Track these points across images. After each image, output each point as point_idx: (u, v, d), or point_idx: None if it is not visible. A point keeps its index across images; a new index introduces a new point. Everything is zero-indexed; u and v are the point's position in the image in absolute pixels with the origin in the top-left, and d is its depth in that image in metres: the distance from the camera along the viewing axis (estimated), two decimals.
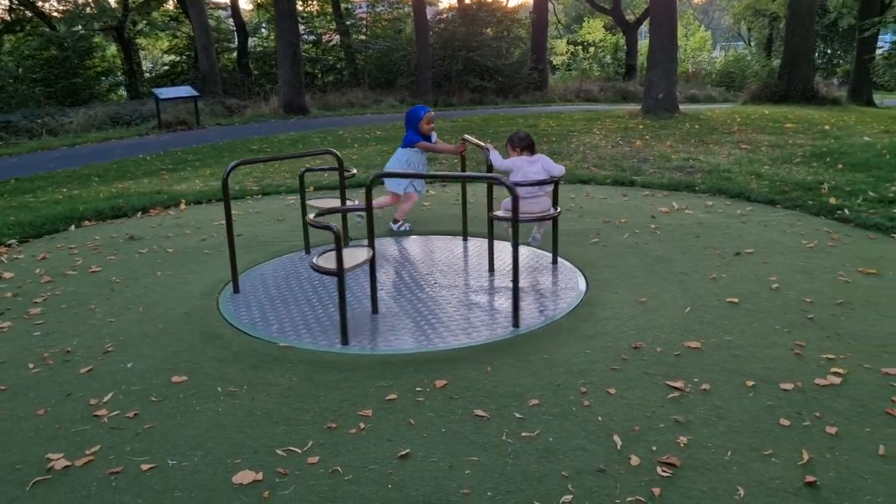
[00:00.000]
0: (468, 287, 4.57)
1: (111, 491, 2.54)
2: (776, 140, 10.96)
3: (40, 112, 17.69)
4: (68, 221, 6.76)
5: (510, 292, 4.37)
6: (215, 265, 5.21)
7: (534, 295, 4.41)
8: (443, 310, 4.18)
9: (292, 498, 2.46)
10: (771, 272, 4.67)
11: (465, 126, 14.63)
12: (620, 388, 3.17)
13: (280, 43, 19.29)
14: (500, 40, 24.94)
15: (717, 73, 30.98)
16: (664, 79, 15.51)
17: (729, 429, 2.81)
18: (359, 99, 21.96)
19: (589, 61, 31.99)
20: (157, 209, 7.32)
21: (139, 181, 9.65)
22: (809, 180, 7.42)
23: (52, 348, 3.82)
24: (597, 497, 2.41)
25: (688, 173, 8.33)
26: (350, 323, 3.91)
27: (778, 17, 30.14)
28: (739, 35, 44.67)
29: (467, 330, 3.88)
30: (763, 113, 15.65)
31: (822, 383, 3.14)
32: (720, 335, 3.70)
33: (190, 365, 3.55)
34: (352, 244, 5.27)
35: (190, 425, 2.97)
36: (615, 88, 25.99)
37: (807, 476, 2.47)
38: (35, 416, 3.09)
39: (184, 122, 17.21)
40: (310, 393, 3.23)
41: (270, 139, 14.03)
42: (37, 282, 4.99)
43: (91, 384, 3.38)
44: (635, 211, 6.55)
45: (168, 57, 27.91)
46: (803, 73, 19.18)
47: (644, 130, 12.75)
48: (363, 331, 3.92)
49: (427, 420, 2.96)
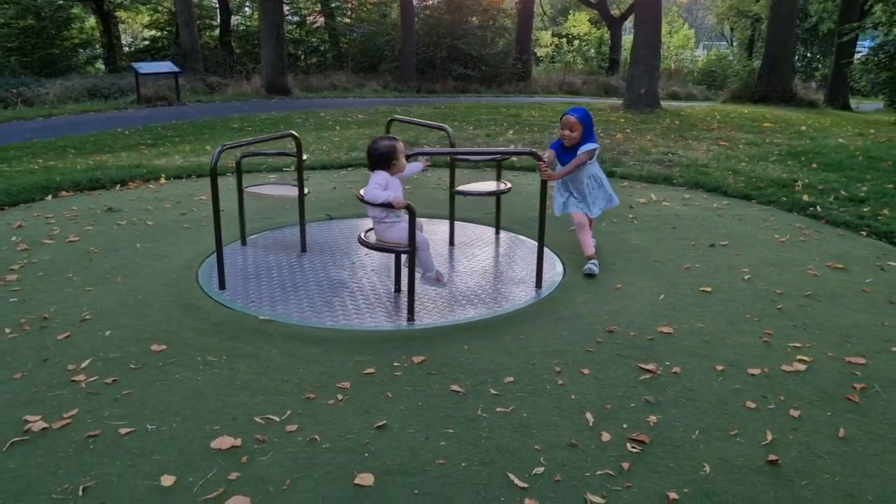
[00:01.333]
0: (445, 267, 4.62)
1: (89, 453, 2.56)
2: (754, 138, 11.13)
3: (16, 82, 17.34)
4: (45, 191, 6.68)
5: (487, 274, 4.43)
6: (195, 239, 5.20)
7: (511, 278, 4.47)
8: (422, 289, 4.23)
9: (270, 463, 2.50)
10: (743, 264, 4.78)
11: (448, 113, 14.64)
12: (594, 368, 3.25)
13: (263, 22, 19.11)
14: (485, 29, 24.96)
15: (699, 71, 31.30)
16: (647, 74, 15.63)
17: (697, 409, 2.90)
18: (342, 82, 21.84)
19: (573, 54, 32.13)
20: (136, 182, 7.26)
21: (117, 155, 9.54)
22: (784, 178, 7.56)
23: (28, 314, 3.81)
24: (568, 470, 2.48)
25: (666, 167, 8.45)
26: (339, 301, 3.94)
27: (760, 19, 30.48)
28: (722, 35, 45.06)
29: (443, 310, 3.93)
30: (742, 112, 15.86)
31: (788, 369, 3.24)
32: (692, 322, 3.80)
33: (169, 335, 3.57)
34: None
35: (169, 392, 2.99)
36: (598, 82, 26.14)
37: (769, 455, 2.57)
38: (12, 380, 3.09)
39: (164, 97, 17.00)
40: (289, 365, 3.26)
41: (252, 118, 13.92)
42: (13, 249, 4.94)
43: (69, 350, 3.38)
44: None
45: (149, 32, 27.49)
46: (783, 74, 19.45)
47: (625, 124, 12.86)
48: (342, 306, 3.96)
49: (404, 393, 3.01)
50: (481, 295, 4.17)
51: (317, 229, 5.52)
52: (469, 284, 4.35)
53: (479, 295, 4.17)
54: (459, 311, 3.93)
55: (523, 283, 4.38)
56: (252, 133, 11.70)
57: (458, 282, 4.39)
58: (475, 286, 4.32)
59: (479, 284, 4.35)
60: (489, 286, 4.33)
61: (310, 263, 4.70)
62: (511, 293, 4.21)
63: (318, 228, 5.55)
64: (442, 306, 3.99)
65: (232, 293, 4.16)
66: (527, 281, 4.42)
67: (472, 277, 4.48)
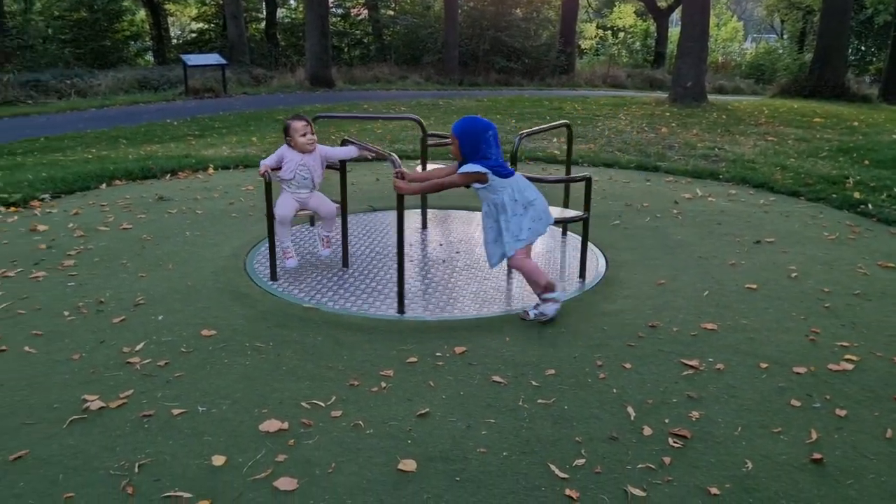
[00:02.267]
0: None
1: (143, 432, 2.66)
2: (803, 134, 10.88)
3: (70, 73, 17.88)
4: (99, 180, 6.90)
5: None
6: (242, 228, 5.33)
7: (554, 272, 4.48)
8: (463, 281, 4.27)
9: (316, 447, 2.57)
10: (790, 261, 4.71)
11: (490, 106, 14.63)
12: (636, 363, 3.25)
13: (309, 14, 19.32)
14: (528, 21, 24.80)
15: (747, 64, 30.57)
16: (693, 67, 15.38)
17: (740, 406, 2.88)
18: (384, 74, 21.97)
19: (618, 47, 31.72)
20: (185, 172, 7.44)
21: (166, 145, 9.79)
22: (834, 174, 7.39)
23: (85, 298, 3.96)
24: (608, 462, 2.50)
25: (712, 162, 8.33)
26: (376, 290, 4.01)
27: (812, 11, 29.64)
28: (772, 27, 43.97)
29: (486, 301, 3.97)
30: (792, 107, 15.50)
31: (835, 368, 3.20)
32: (736, 318, 3.76)
33: (218, 320, 3.67)
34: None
35: (219, 376, 3.09)
36: (643, 75, 25.76)
37: (814, 453, 2.54)
38: (70, 361, 3.23)
39: (211, 89, 17.34)
40: (333, 352, 3.33)
41: (296, 110, 14.10)
42: (70, 236, 5.13)
43: (123, 333, 3.51)
44: (658, 196, 6.58)
45: (196, 24, 28.03)
46: (835, 68, 18.91)
47: (670, 118, 12.69)
48: (383, 296, 4.02)
49: (446, 383, 3.05)
50: (523, 288, 4.19)
51: (360, 220, 5.59)
52: (509, 277, 4.37)
53: (520, 288, 4.19)
54: (500, 304, 3.95)
55: (566, 277, 4.38)
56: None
57: (500, 274, 4.41)
58: (517, 279, 4.34)
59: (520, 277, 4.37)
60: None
61: (353, 253, 4.77)
62: None
63: (362, 219, 5.63)
64: (483, 299, 4.02)
65: (278, 282, 4.25)
66: (569, 274, 4.42)
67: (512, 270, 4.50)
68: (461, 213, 5.87)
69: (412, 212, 5.47)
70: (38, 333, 3.51)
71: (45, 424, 2.71)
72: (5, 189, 6.34)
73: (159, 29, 25.70)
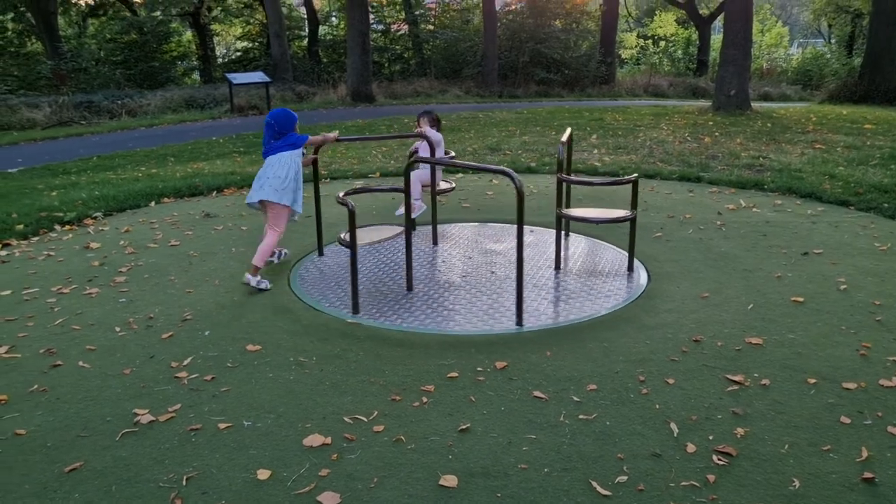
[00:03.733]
0: (528, 276, 4.64)
1: (191, 445, 2.73)
2: (853, 141, 10.61)
3: (120, 94, 18.46)
4: (149, 198, 7.11)
5: (569, 282, 4.44)
6: (287, 244, 5.42)
7: (595, 285, 4.45)
8: (501, 296, 4.27)
9: (358, 461, 2.60)
10: (839, 273, 4.59)
11: (529, 118, 14.63)
12: (679, 378, 3.21)
13: (350, 31, 19.60)
14: (568, 32, 24.73)
15: (793, 70, 29.90)
16: (737, 75, 15.15)
17: (787, 423, 2.82)
18: (424, 88, 22.14)
19: (659, 56, 31.38)
20: (230, 189, 7.62)
21: (212, 162, 10.02)
22: (886, 182, 7.19)
23: (136, 314, 4.08)
24: (651, 480, 2.47)
25: (757, 171, 8.18)
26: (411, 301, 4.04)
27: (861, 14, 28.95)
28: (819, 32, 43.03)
29: (525, 316, 3.96)
30: (841, 113, 15.13)
31: (887, 384, 3.11)
32: (783, 333, 3.69)
33: (263, 335, 3.75)
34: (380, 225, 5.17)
35: (263, 390, 3.15)
36: (685, 84, 25.43)
37: (865, 472, 2.48)
38: (122, 375, 3.33)
39: (255, 106, 17.70)
40: (375, 367, 3.37)
41: (338, 126, 14.31)
42: (121, 252, 5.30)
43: (172, 348, 3.61)
44: (701, 207, 6.49)
45: (241, 43, 28.68)
46: (886, 73, 18.40)
47: (713, 127, 12.51)
48: (425, 311, 4.05)
49: (487, 398, 3.06)
50: (567, 299, 4.18)
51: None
52: (552, 288, 4.36)
53: (564, 299, 4.18)
54: (543, 318, 3.95)
55: (607, 291, 4.36)
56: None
57: (541, 285, 4.40)
58: (560, 290, 4.33)
59: (563, 288, 4.36)
60: (573, 291, 4.32)
61: (392, 269, 4.82)
62: (594, 300, 4.19)
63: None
64: (530, 311, 4.01)
65: (321, 296, 4.32)
66: (612, 287, 4.40)
67: (553, 281, 4.49)
68: (471, 226, 5.89)
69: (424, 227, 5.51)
70: (92, 348, 3.63)
71: (98, 437, 2.80)
72: (61, 207, 6.58)
73: (205, 49, 26.38)
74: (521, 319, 3.85)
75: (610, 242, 5.34)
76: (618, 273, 4.67)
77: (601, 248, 5.24)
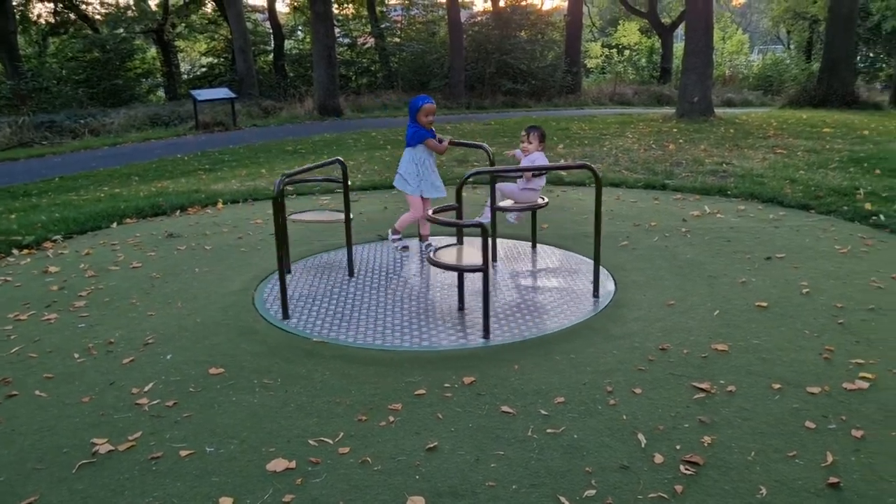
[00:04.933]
0: (496, 286, 4.64)
1: (152, 475, 2.66)
2: (813, 145, 10.82)
3: (83, 113, 18.17)
4: (110, 219, 6.98)
5: (538, 292, 4.44)
6: (251, 262, 5.35)
7: (562, 295, 4.46)
8: (469, 308, 4.25)
9: (324, 485, 2.55)
10: (802, 277, 4.65)
11: (497, 129, 14.69)
12: (646, 388, 3.21)
13: (316, 46, 19.55)
14: (533, 43, 24.94)
15: (755, 76, 30.49)
16: (699, 82, 15.39)
17: (753, 430, 2.83)
18: (392, 101, 22.13)
19: (623, 64, 31.79)
20: (195, 208, 7.51)
21: (177, 180, 9.89)
22: (845, 185, 7.33)
23: (95, 339, 3.98)
24: (620, 493, 2.46)
25: (721, 177, 8.29)
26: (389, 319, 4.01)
27: (818, 20, 29.62)
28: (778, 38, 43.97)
29: (493, 329, 3.94)
30: (801, 117, 15.44)
31: (850, 387, 3.14)
32: (748, 339, 3.71)
33: (226, 358, 3.68)
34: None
35: (226, 415, 3.09)
36: (649, 92, 25.78)
37: (830, 478, 2.49)
38: (80, 403, 3.24)
39: (221, 123, 17.53)
40: (341, 387, 3.32)
41: (305, 140, 14.24)
42: (81, 276, 5.18)
43: (133, 374, 3.52)
44: (666, 214, 6.55)
45: (206, 59, 28.44)
46: (843, 77, 18.84)
47: (678, 134, 12.67)
48: (399, 327, 4.01)
49: (455, 415, 3.03)
50: (532, 312, 4.17)
51: (368, 250, 5.60)
52: (517, 301, 4.35)
53: (530, 312, 4.17)
54: (510, 330, 3.93)
55: (574, 300, 4.36)
56: (306, 154, 11.97)
57: (506, 299, 4.39)
58: (524, 303, 4.32)
59: (527, 301, 4.35)
60: (538, 303, 4.32)
61: (358, 285, 4.78)
62: (561, 310, 4.19)
63: (369, 249, 5.64)
64: (494, 324, 4.00)
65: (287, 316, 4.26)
66: (578, 298, 4.40)
67: (518, 294, 4.48)
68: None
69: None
70: (50, 376, 3.53)
71: (54, 469, 2.72)
72: (19, 231, 6.42)
73: (170, 65, 26.10)
74: (488, 333, 3.84)
75: (577, 252, 5.35)
76: (585, 283, 4.67)
77: (569, 258, 5.25)
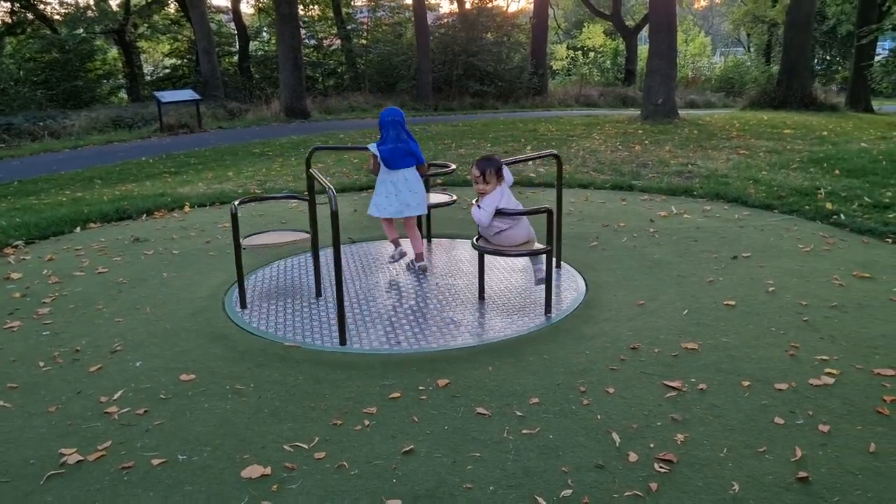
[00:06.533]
0: (467, 289, 4.65)
1: (123, 485, 2.61)
2: (774, 146, 11.05)
3: (42, 115, 17.76)
4: (73, 223, 6.83)
5: (507, 295, 4.46)
6: (220, 267, 5.28)
7: (534, 297, 4.48)
8: (443, 311, 4.26)
9: (300, 491, 2.53)
10: (767, 275, 4.75)
11: (465, 131, 14.72)
12: (619, 387, 3.25)
13: (281, 47, 19.38)
14: (500, 45, 25.07)
15: (717, 78, 31.08)
16: (663, 84, 15.61)
17: (724, 427, 2.88)
18: (359, 103, 22.05)
19: (589, 66, 32.11)
20: (161, 212, 7.39)
21: (142, 184, 9.72)
22: (806, 185, 7.50)
23: (61, 347, 3.89)
24: (595, 492, 2.49)
25: (686, 178, 8.42)
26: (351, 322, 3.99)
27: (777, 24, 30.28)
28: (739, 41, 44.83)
29: (469, 332, 3.95)
30: (762, 119, 15.76)
31: (816, 383, 3.22)
32: (717, 337, 3.78)
33: (197, 364, 3.63)
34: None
35: (199, 422, 3.04)
36: (615, 93, 26.09)
37: (799, 472, 2.55)
38: (47, 413, 3.16)
39: (185, 125, 17.28)
40: (315, 391, 3.30)
41: (272, 142, 14.11)
42: (44, 282, 5.06)
43: (101, 382, 3.46)
44: (634, 215, 6.64)
45: (169, 60, 28.01)
46: (802, 79, 19.29)
47: (643, 135, 12.84)
48: (364, 331, 4.00)
49: (430, 417, 3.03)
50: (502, 315, 4.19)
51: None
52: (491, 302, 4.37)
53: (500, 315, 4.19)
54: (483, 333, 3.94)
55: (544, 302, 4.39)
56: (273, 157, 11.86)
57: (476, 302, 4.40)
58: (492, 306, 4.34)
59: (497, 304, 4.37)
60: (513, 304, 4.34)
61: (328, 289, 4.75)
62: (532, 312, 4.22)
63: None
64: (465, 328, 4.01)
65: (255, 319, 4.22)
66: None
67: (493, 294, 4.50)
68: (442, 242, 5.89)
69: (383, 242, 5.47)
70: (14, 386, 3.44)
71: (21, 482, 2.65)
72: None
73: (132, 66, 25.64)
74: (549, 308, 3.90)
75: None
76: (557, 284, 4.71)
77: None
